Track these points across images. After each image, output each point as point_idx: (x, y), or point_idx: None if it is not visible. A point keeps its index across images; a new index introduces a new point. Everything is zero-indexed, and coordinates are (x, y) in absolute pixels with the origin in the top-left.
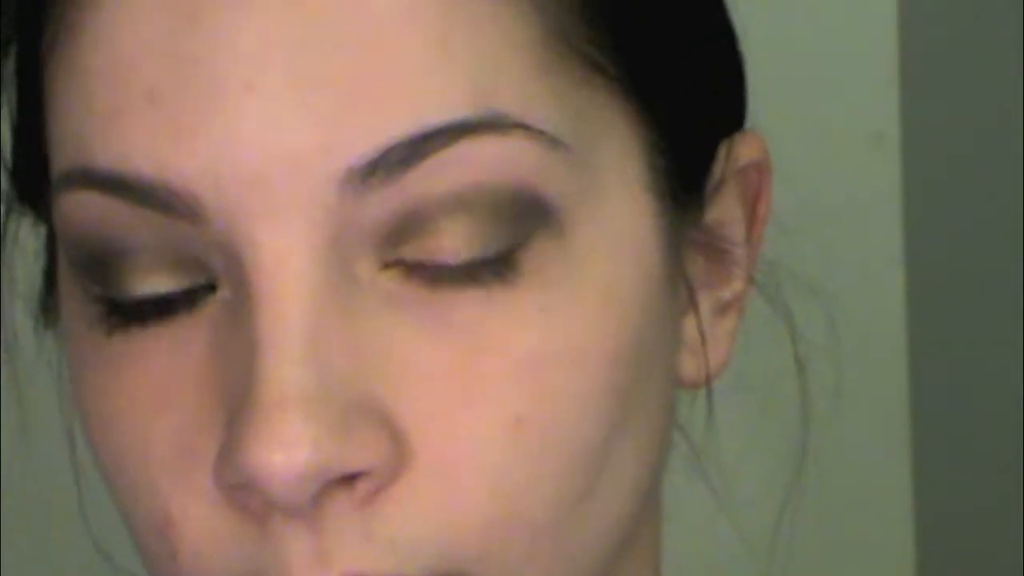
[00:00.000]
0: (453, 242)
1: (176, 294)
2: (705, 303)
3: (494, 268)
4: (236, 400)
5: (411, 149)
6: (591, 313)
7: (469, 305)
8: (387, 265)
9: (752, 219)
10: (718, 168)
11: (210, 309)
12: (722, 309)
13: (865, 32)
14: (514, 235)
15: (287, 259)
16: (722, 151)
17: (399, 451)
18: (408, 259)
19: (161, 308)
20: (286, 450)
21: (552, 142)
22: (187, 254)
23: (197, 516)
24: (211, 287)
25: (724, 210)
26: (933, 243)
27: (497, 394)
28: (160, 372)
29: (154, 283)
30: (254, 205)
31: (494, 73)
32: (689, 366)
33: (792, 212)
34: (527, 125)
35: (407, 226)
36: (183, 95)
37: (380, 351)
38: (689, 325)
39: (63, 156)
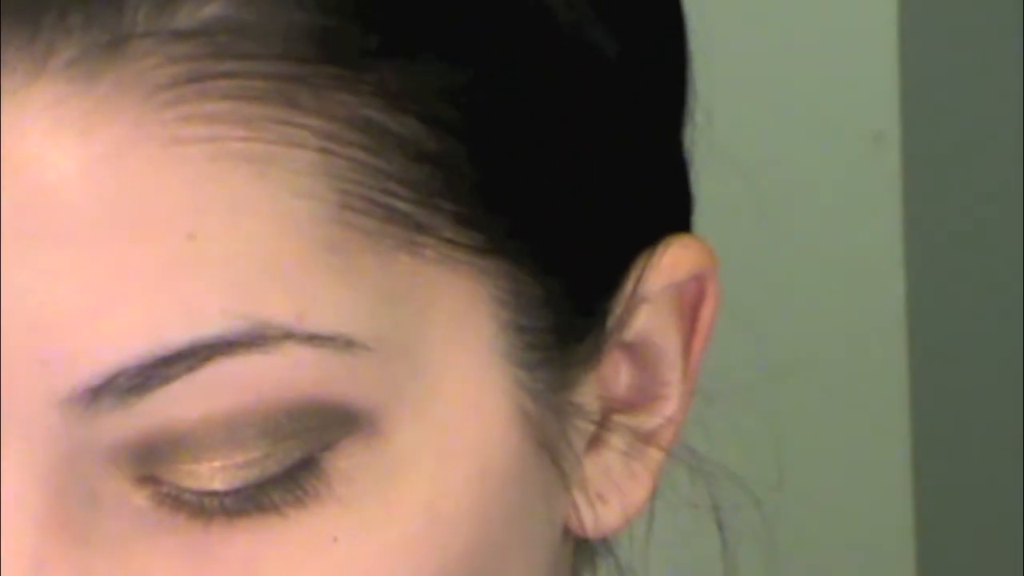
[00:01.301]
0: (217, 471)
1: None
2: (617, 438)
3: (282, 486)
4: None
5: (145, 375)
6: (403, 539)
7: (243, 536)
8: (141, 481)
9: (691, 331)
10: (632, 284)
11: None
12: (644, 439)
13: (865, 32)
14: (308, 447)
15: (5, 486)
16: (640, 263)
17: None
18: (165, 480)
19: None
20: None
21: (344, 344)
22: None
23: None
24: None
25: (653, 325)
26: (933, 243)
27: None
28: None
29: None
30: None
31: (260, 267)
32: (583, 517)
33: (792, 212)
34: (304, 333)
35: (158, 448)
36: None
37: None
38: (591, 465)
39: None
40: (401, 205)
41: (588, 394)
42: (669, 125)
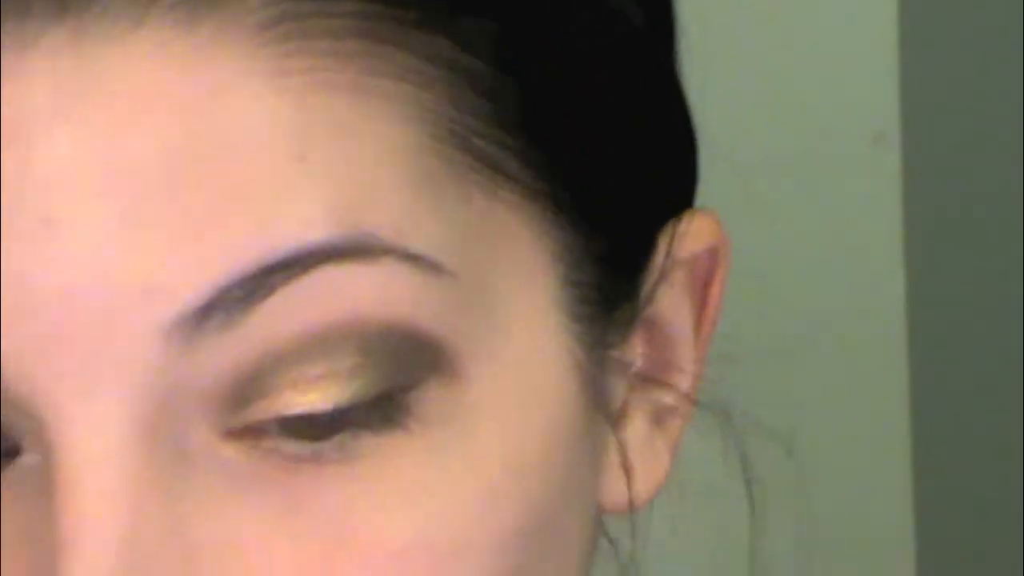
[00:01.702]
0: (311, 394)
1: None
2: (640, 413)
3: (371, 430)
4: None
5: (255, 283)
6: (486, 489)
7: (333, 486)
8: (230, 434)
9: (702, 307)
10: (659, 258)
11: (13, 476)
12: (661, 416)
13: (865, 32)
14: (397, 380)
15: (98, 437)
16: (664, 238)
17: None
18: (256, 424)
19: None
20: None
21: (434, 269)
22: None
23: None
24: (15, 448)
25: (668, 302)
26: (933, 243)
27: None
28: None
29: None
30: (55, 365)
31: (363, 188)
32: (615, 490)
33: (792, 212)
34: (403, 250)
35: (254, 380)
36: None
37: (220, 550)
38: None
39: None
40: (477, 142)
41: (614, 374)
42: (682, 98)
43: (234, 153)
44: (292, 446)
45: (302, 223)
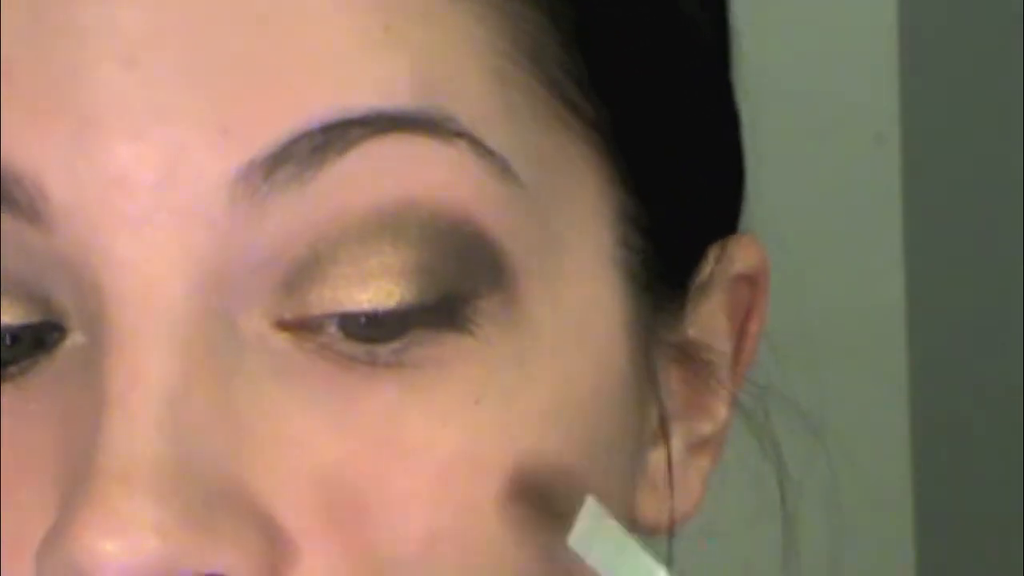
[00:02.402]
0: (371, 290)
1: (18, 334)
2: (678, 435)
3: (428, 337)
4: (74, 473)
5: (332, 135)
6: (537, 413)
7: (386, 389)
8: (282, 325)
9: (741, 337)
10: (706, 269)
11: (59, 359)
12: (698, 446)
13: (865, 32)
14: (458, 285)
15: (154, 287)
16: (712, 252)
17: (275, 556)
18: (312, 318)
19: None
20: (124, 536)
21: (505, 170)
22: (31, 279)
23: None
24: (59, 328)
25: (709, 322)
26: (933, 243)
27: (409, 504)
28: None
29: None
30: (117, 210)
31: (444, 70)
32: (648, 506)
33: (792, 212)
34: (476, 137)
35: (315, 262)
36: (46, 68)
37: (262, 432)
38: (655, 457)
39: None
40: (552, 67)
41: (661, 373)
42: (740, 135)
43: (321, 10)
44: (347, 346)
45: (383, 87)
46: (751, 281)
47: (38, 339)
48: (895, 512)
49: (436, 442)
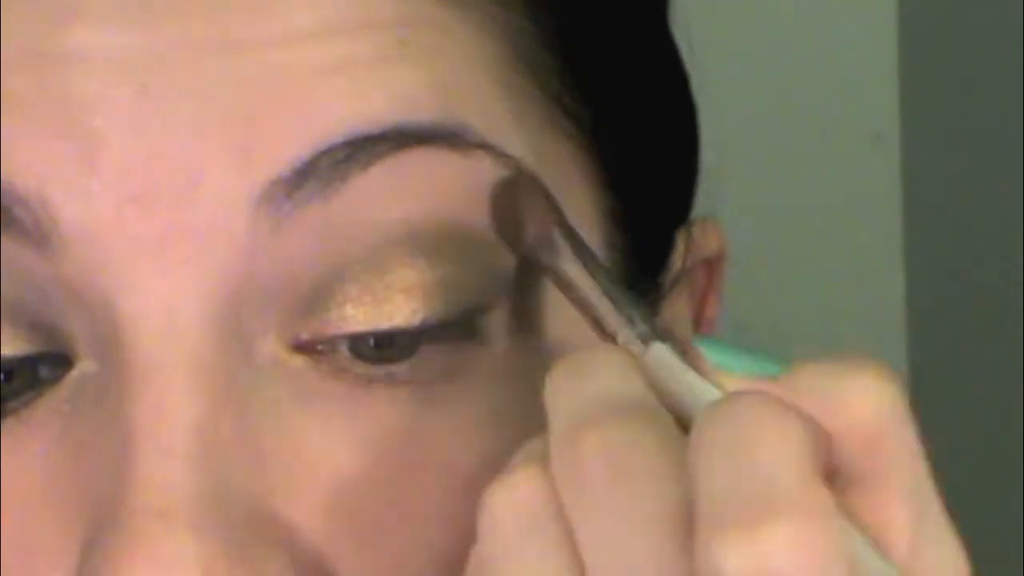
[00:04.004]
0: (387, 305)
1: (19, 366)
2: None
3: (445, 350)
4: (100, 510)
5: (352, 150)
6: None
7: (406, 406)
8: (299, 347)
9: (698, 323)
10: (678, 259)
11: (65, 390)
12: None
13: (865, 32)
14: (475, 298)
15: (173, 312)
16: (681, 240)
17: None
18: (327, 339)
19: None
20: (171, 573)
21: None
22: (33, 307)
23: None
24: (64, 357)
25: (673, 312)
26: (933, 243)
27: (432, 519)
28: None
29: None
30: (132, 231)
31: (458, 82)
32: None
33: (792, 212)
34: (494, 147)
35: (334, 278)
36: (49, 92)
37: (285, 455)
38: None
39: None
40: (548, 76)
41: None
42: (696, 121)
43: (338, 26)
44: (362, 367)
45: (404, 100)
46: (709, 266)
47: (38, 370)
48: None
49: (460, 459)
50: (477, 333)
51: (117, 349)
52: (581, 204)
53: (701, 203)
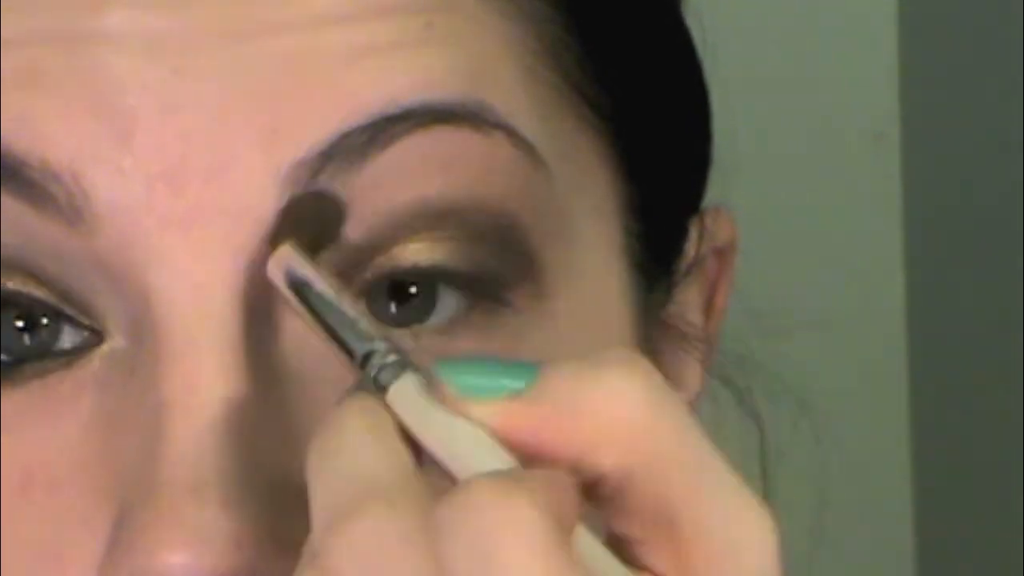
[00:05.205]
0: (414, 279)
1: (47, 341)
2: None
3: (468, 318)
4: (132, 486)
5: (376, 129)
6: None
7: None
8: None
9: (709, 312)
10: (691, 248)
11: (95, 365)
12: None
13: (865, 32)
14: (493, 277)
15: (204, 289)
16: (694, 229)
17: None
18: None
19: (31, 359)
20: (200, 548)
21: (538, 161)
22: (64, 281)
23: None
24: (95, 332)
25: (686, 299)
26: (933, 243)
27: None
28: (26, 449)
29: (17, 322)
30: (164, 208)
31: (481, 64)
32: None
33: (792, 212)
34: (514, 129)
35: (356, 255)
36: (81, 72)
37: (309, 428)
38: None
39: None
40: (572, 67)
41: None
42: (710, 112)
43: (364, 11)
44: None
45: (427, 80)
46: (719, 255)
47: (61, 327)
48: (894, 512)
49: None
50: (495, 314)
51: (148, 325)
52: (601, 191)
53: (710, 195)
